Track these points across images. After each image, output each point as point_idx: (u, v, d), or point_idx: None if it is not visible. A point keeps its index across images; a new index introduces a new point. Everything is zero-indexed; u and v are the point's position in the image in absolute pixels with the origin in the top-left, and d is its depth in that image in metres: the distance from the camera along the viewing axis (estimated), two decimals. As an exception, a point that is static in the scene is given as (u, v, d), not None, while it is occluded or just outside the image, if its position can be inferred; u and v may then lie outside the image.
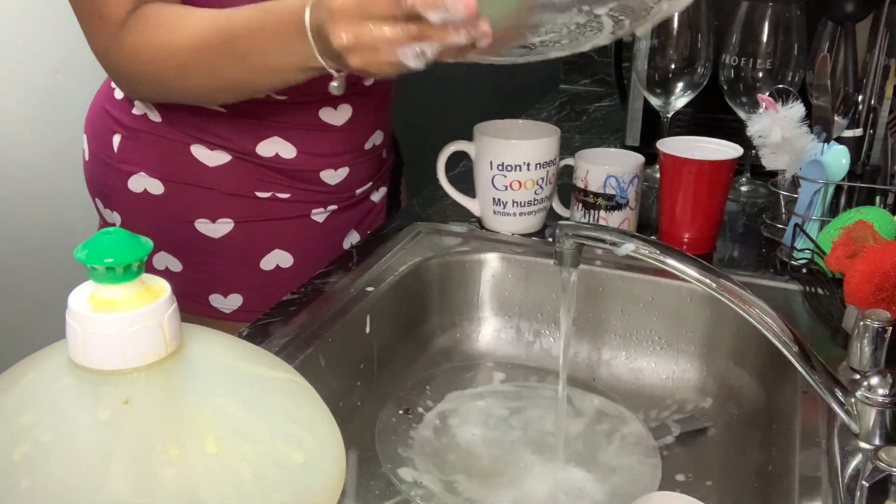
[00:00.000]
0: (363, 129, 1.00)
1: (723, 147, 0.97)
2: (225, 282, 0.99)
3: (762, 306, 0.60)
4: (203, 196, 0.95)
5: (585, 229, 0.70)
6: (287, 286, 0.95)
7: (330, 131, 0.96)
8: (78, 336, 0.38)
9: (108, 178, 0.99)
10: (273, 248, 0.99)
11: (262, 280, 0.99)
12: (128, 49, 0.83)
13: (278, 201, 0.98)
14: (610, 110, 1.56)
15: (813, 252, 0.87)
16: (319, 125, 0.95)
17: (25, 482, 0.36)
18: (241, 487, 0.38)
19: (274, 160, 0.96)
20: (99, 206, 1.04)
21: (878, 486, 0.55)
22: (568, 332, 0.77)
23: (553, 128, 1.01)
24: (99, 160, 1.01)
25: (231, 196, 0.95)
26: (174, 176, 0.95)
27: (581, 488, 0.72)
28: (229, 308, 1.00)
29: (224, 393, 0.41)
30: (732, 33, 1.09)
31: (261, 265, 0.99)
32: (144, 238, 0.40)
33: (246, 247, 0.98)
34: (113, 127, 0.98)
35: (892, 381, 0.61)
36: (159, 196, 0.96)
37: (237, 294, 0.99)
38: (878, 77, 1.03)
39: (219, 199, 0.96)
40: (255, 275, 0.99)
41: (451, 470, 0.75)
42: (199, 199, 0.95)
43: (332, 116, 0.96)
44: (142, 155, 0.97)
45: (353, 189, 1.03)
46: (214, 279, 0.98)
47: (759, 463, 0.75)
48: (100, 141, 1.00)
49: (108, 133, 0.99)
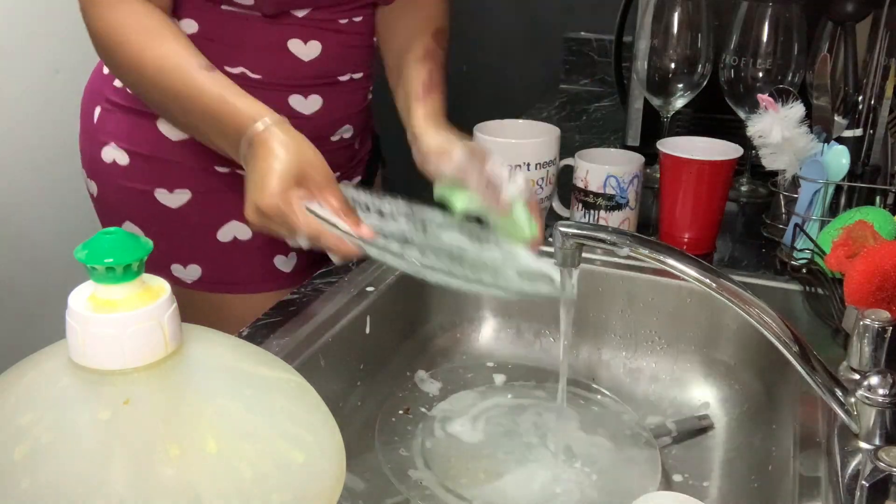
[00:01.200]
0: (331, 121, 1.00)
1: (723, 147, 0.97)
2: (184, 252, 1.00)
3: (762, 306, 0.60)
4: (164, 168, 0.97)
5: (585, 229, 0.70)
6: (246, 259, 1.00)
7: (297, 118, 0.95)
8: (78, 336, 0.38)
9: (88, 148, 1.03)
10: (230, 219, 1.00)
11: (220, 251, 1.00)
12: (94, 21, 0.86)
13: (238, 176, 0.97)
14: (610, 110, 1.56)
15: (813, 252, 0.87)
16: (288, 112, 0.95)
17: (25, 482, 0.36)
18: (241, 487, 0.38)
19: None
20: (84, 177, 1.06)
21: (878, 486, 0.55)
22: (568, 332, 0.77)
23: (553, 128, 1.01)
24: (84, 132, 1.05)
25: (191, 168, 0.97)
26: (139, 147, 0.98)
27: (581, 488, 0.72)
28: (190, 278, 1.01)
29: (224, 393, 0.41)
30: (732, 33, 1.09)
31: (217, 236, 1.00)
32: (144, 238, 0.40)
33: (203, 217, 0.99)
34: (96, 99, 1.02)
35: (892, 381, 0.61)
36: (126, 167, 0.99)
37: (196, 265, 1.01)
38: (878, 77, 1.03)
39: (178, 171, 0.97)
40: (212, 245, 1.00)
41: (451, 470, 0.75)
42: (160, 170, 0.97)
43: (301, 105, 0.97)
44: (115, 126, 0.99)
45: None
46: (174, 249, 1.00)
47: (759, 463, 0.75)
48: (86, 113, 1.04)
49: (92, 105, 1.02)
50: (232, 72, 0.93)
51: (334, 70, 0.98)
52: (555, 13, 1.74)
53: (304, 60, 0.95)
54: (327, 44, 0.95)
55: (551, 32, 1.75)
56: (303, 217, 0.75)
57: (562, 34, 1.73)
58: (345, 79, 0.99)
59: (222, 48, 0.92)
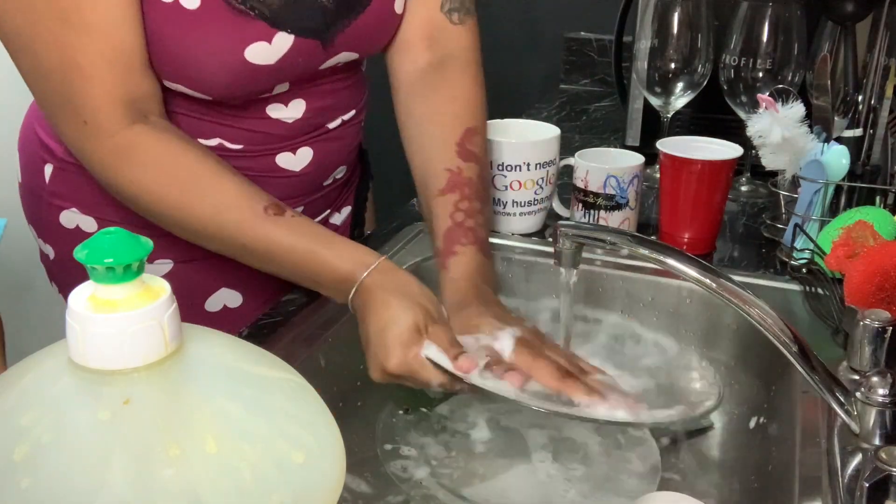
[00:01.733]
0: (324, 171, 0.93)
1: (723, 147, 0.97)
2: None
3: (762, 306, 0.60)
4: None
5: (585, 229, 0.70)
6: (239, 322, 0.90)
7: (287, 177, 0.89)
8: (78, 336, 0.38)
9: (40, 210, 0.92)
10: (219, 287, 0.92)
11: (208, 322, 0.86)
12: (125, 181, 0.75)
13: None
14: (610, 110, 1.56)
15: (813, 252, 0.87)
16: (276, 172, 0.88)
17: (25, 482, 0.36)
18: (241, 487, 0.38)
19: None
20: (33, 234, 0.97)
21: (878, 486, 0.55)
22: (568, 333, 0.77)
23: (553, 128, 1.01)
24: (30, 189, 0.93)
25: (169, 236, 0.81)
26: (108, 214, 0.87)
27: (581, 488, 0.72)
28: None
29: (224, 393, 0.41)
30: (732, 33, 1.09)
31: (206, 307, 0.93)
32: (144, 238, 0.40)
33: (189, 288, 0.89)
34: (44, 155, 0.90)
35: (892, 381, 0.61)
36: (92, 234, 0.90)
37: None
38: (878, 77, 1.03)
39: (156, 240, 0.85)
40: (199, 317, 0.91)
41: (451, 470, 0.75)
42: None
43: (290, 162, 0.88)
44: (75, 190, 0.88)
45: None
46: None
47: (759, 463, 0.75)
48: (31, 169, 0.92)
49: (40, 161, 0.90)
50: (208, 143, 0.83)
51: (322, 120, 0.89)
52: (555, 13, 1.74)
53: (288, 122, 0.86)
54: (312, 97, 0.87)
55: (551, 32, 1.75)
56: (431, 371, 0.70)
57: (562, 34, 1.73)
58: (335, 125, 0.91)
59: (193, 121, 0.82)
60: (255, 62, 0.78)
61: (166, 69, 0.77)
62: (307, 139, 0.88)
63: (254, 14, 0.76)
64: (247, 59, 0.77)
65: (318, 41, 0.81)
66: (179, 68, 0.77)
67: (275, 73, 0.80)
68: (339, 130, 0.91)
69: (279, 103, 0.85)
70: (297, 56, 0.80)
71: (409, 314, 0.71)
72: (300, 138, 0.88)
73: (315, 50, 0.82)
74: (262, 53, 0.78)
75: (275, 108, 0.85)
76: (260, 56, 0.78)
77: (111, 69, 0.72)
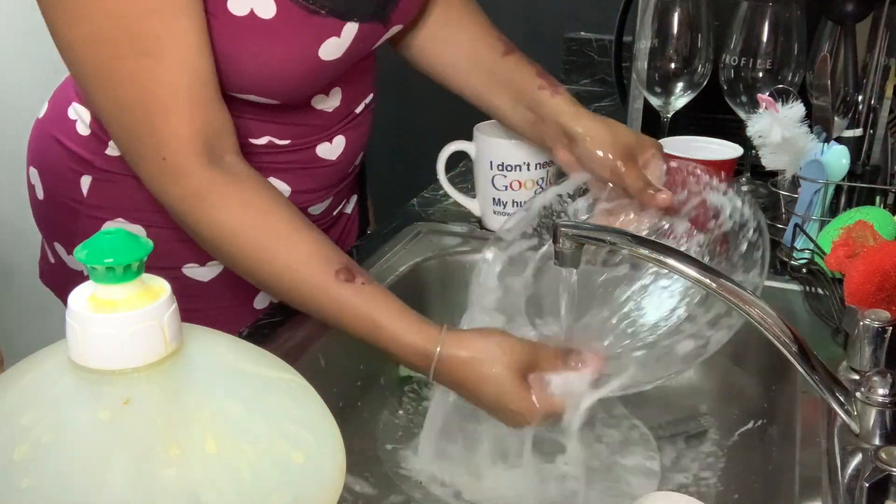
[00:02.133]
0: (352, 156, 0.95)
1: (723, 147, 0.97)
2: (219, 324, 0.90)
3: (762, 306, 0.60)
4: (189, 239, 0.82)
5: (585, 229, 0.70)
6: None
7: (325, 167, 0.91)
8: (78, 336, 0.38)
9: (77, 224, 0.90)
10: None
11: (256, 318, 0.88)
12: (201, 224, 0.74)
13: None
14: (610, 110, 1.56)
15: (813, 252, 0.87)
16: (315, 162, 0.90)
17: (25, 482, 0.36)
18: (241, 487, 0.38)
19: None
20: (60, 251, 0.94)
21: (878, 486, 0.55)
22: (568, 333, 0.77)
23: (553, 128, 1.00)
24: (60, 203, 0.91)
25: None
26: (156, 220, 0.85)
27: (581, 488, 0.72)
28: None
29: (224, 393, 0.41)
30: (732, 33, 1.09)
31: (254, 304, 0.94)
32: (144, 238, 0.40)
33: (239, 286, 0.89)
34: (78, 168, 0.88)
35: (892, 381, 0.61)
36: None
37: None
38: (878, 77, 1.03)
39: None
40: (249, 314, 0.92)
41: (451, 470, 0.75)
42: (185, 242, 0.82)
43: (327, 151, 0.90)
44: (118, 199, 0.87)
45: (332, 212, 0.98)
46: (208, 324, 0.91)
47: (759, 463, 0.75)
48: (61, 182, 0.90)
49: (72, 174, 0.88)
50: (257, 143, 0.84)
51: (353, 105, 0.91)
52: (555, 13, 1.74)
53: (328, 112, 0.88)
54: (346, 84, 0.88)
55: (551, 32, 1.75)
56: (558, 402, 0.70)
57: (562, 34, 1.73)
58: (360, 109, 0.93)
59: (243, 123, 0.81)
60: (328, 58, 0.79)
61: (240, 82, 0.77)
62: (340, 127, 0.90)
63: (325, 12, 0.76)
64: (320, 57, 0.78)
65: (378, 23, 0.83)
66: (255, 78, 0.77)
67: (341, 64, 0.81)
68: (363, 115, 0.93)
69: (322, 94, 0.86)
70: (361, 42, 0.81)
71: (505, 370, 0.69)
72: (335, 127, 0.90)
73: (376, 31, 0.83)
74: (333, 48, 0.79)
75: (318, 100, 0.86)
76: (331, 51, 0.79)
77: (190, 100, 0.70)
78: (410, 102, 0.96)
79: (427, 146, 0.98)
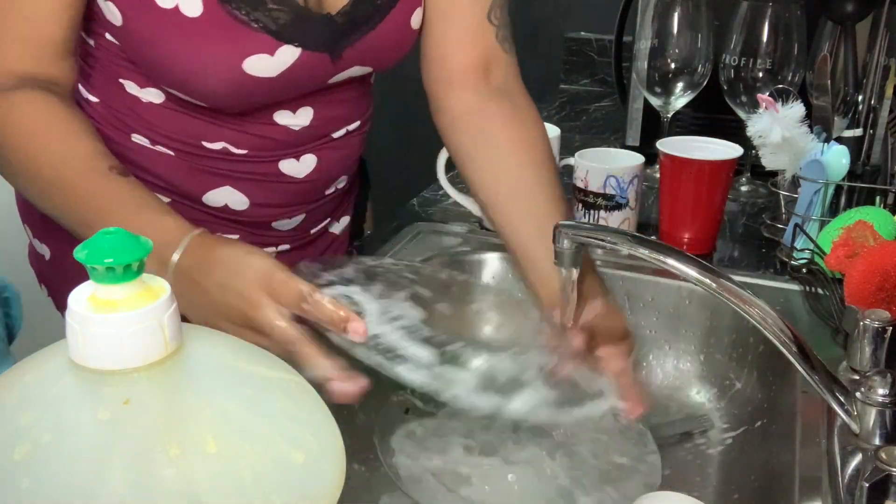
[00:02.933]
0: (326, 179, 0.91)
1: (723, 147, 0.97)
2: None
3: (762, 306, 0.60)
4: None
5: (585, 229, 0.70)
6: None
7: (289, 183, 0.88)
8: (78, 336, 0.38)
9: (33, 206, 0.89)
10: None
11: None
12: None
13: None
14: (610, 110, 1.56)
15: (813, 252, 0.87)
16: (279, 178, 0.87)
17: (25, 482, 0.36)
18: (241, 487, 0.38)
19: (221, 210, 0.87)
20: (28, 234, 0.96)
21: (878, 486, 0.55)
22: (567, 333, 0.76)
23: (553, 128, 1.01)
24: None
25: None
26: None
27: (581, 488, 0.72)
28: None
29: (224, 393, 0.41)
30: (732, 33, 1.10)
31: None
32: (144, 238, 0.40)
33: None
34: None
35: (892, 381, 0.61)
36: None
37: None
38: (878, 77, 1.03)
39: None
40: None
41: (451, 469, 0.75)
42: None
43: (293, 168, 0.87)
44: None
45: (308, 230, 0.95)
46: None
47: (759, 463, 0.75)
48: None
49: None
50: (211, 146, 0.83)
51: (328, 129, 0.88)
52: (555, 13, 1.74)
53: (295, 130, 0.85)
54: (320, 106, 0.85)
55: (551, 32, 1.75)
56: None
57: (562, 34, 1.74)
58: (340, 134, 0.89)
59: (198, 123, 0.82)
60: (255, 74, 0.76)
61: (162, 75, 0.77)
62: (311, 147, 0.87)
63: (257, 27, 0.75)
64: (245, 71, 0.76)
65: (326, 54, 0.80)
66: (176, 75, 0.76)
67: (277, 84, 0.79)
68: (344, 140, 0.90)
69: (287, 110, 0.84)
70: (304, 69, 0.79)
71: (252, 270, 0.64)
72: (305, 145, 0.87)
73: (323, 63, 0.81)
74: (263, 65, 0.76)
75: (282, 115, 0.84)
76: (260, 68, 0.76)
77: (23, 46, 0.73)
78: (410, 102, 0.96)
79: (427, 146, 0.98)
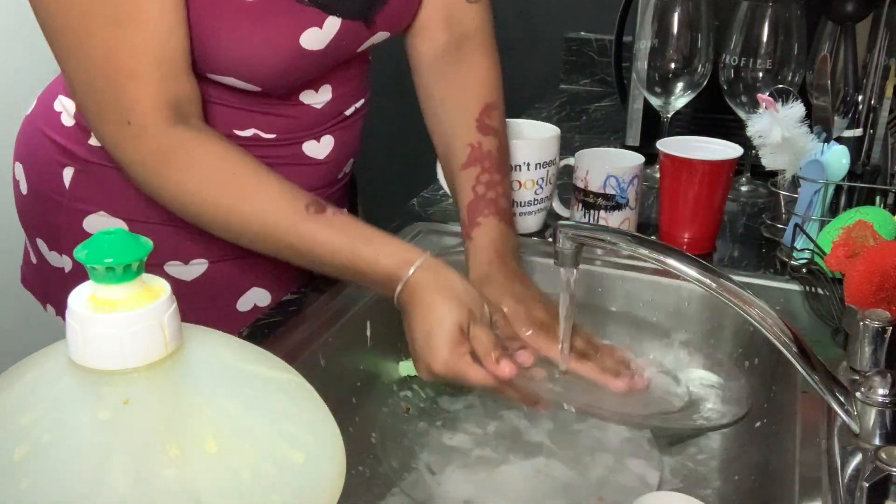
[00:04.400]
0: (342, 159, 0.94)
1: (723, 147, 0.97)
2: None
3: (762, 306, 0.60)
4: (172, 236, 0.85)
5: (585, 229, 0.70)
6: None
7: (311, 166, 0.90)
8: (78, 336, 0.38)
9: (58, 217, 0.89)
10: (251, 286, 0.93)
11: (237, 322, 0.90)
12: (167, 183, 0.75)
13: None
14: (610, 110, 1.56)
15: (813, 252, 0.87)
16: (302, 160, 0.89)
17: (25, 482, 0.36)
18: (241, 487, 0.38)
19: None
20: (41, 247, 0.93)
21: (878, 486, 0.55)
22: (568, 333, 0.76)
23: (553, 128, 1.01)
24: (43, 196, 0.90)
25: (203, 234, 0.80)
26: (138, 214, 0.85)
27: (581, 488, 0.72)
28: None
29: (224, 393, 0.41)
30: (732, 33, 1.09)
31: (237, 306, 0.93)
32: (144, 238, 0.40)
33: (221, 288, 0.90)
34: (61, 159, 0.88)
35: (892, 381, 0.61)
36: None
37: None
38: (878, 77, 1.03)
39: (190, 239, 0.86)
40: (229, 318, 0.91)
41: (451, 469, 0.75)
42: (168, 239, 0.85)
43: (315, 150, 0.90)
44: (100, 191, 0.87)
45: None
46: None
47: (759, 463, 0.75)
48: (44, 174, 0.90)
49: (55, 166, 0.88)
50: (242, 135, 0.84)
51: (343, 106, 0.91)
52: (555, 13, 1.74)
53: (317, 108, 0.88)
54: (337, 83, 0.88)
55: (551, 32, 1.75)
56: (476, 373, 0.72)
57: (562, 34, 1.73)
58: (350, 111, 0.92)
59: (229, 112, 0.83)
60: (308, 48, 0.79)
61: (220, 63, 0.78)
62: (328, 126, 0.90)
63: (307, 1, 0.78)
64: (301, 46, 0.78)
65: (362, 22, 0.83)
66: (235, 61, 0.78)
67: (324, 57, 0.82)
68: (353, 118, 0.93)
69: (311, 89, 0.86)
70: (344, 38, 0.82)
71: (454, 315, 0.72)
72: (323, 125, 0.90)
73: (359, 31, 0.84)
74: (315, 38, 0.79)
75: (307, 95, 0.86)
76: (313, 41, 0.79)
77: (158, 71, 0.72)
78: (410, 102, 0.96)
79: (427, 146, 0.98)
